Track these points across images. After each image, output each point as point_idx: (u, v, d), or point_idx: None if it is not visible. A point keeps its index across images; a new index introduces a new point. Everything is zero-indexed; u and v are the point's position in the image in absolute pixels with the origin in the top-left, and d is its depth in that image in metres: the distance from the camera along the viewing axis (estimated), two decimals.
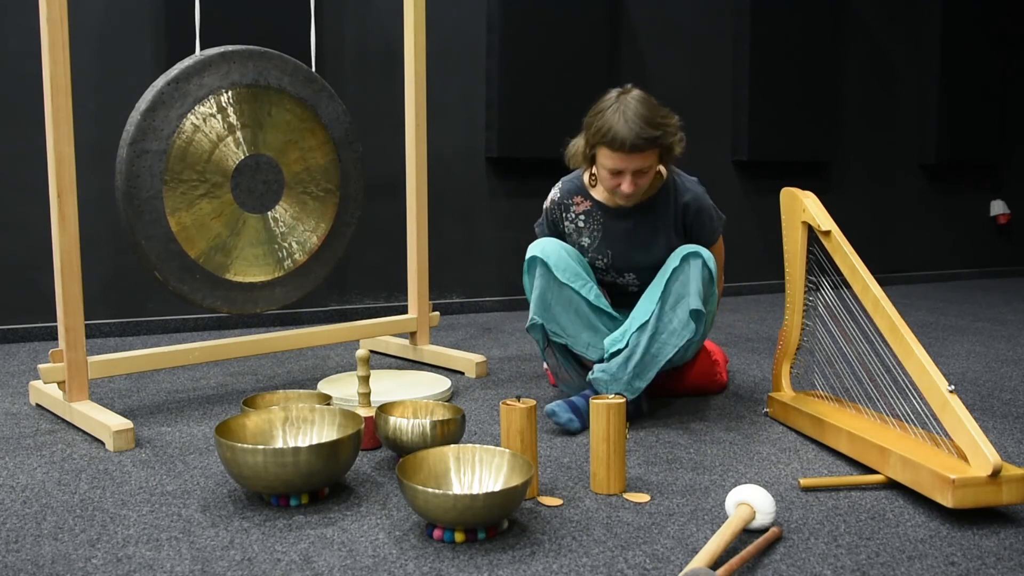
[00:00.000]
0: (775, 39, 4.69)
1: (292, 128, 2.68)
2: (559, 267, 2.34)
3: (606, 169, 2.26)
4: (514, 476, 1.73)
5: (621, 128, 2.17)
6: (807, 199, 2.29)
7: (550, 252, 2.35)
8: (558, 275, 2.33)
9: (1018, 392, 2.74)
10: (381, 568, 1.51)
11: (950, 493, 1.67)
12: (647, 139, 2.19)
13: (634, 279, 2.49)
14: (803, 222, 2.30)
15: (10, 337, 3.36)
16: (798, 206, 2.31)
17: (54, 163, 2.23)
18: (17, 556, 1.55)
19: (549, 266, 2.34)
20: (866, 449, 1.97)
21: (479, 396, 2.65)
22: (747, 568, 1.53)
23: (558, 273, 2.34)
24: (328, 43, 3.75)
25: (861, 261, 2.13)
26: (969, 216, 5.57)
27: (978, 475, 1.67)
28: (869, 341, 2.33)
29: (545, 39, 4.09)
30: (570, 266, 2.37)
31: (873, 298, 2.03)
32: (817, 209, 2.26)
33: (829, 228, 2.20)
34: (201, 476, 1.95)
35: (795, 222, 2.33)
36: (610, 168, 2.25)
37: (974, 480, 1.66)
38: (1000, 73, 5.35)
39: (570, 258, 2.38)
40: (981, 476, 1.67)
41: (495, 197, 4.22)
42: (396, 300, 3.99)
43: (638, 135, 2.17)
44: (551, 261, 2.34)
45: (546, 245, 2.37)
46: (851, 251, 2.14)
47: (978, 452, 1.69)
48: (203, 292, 2.56)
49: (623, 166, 2.23)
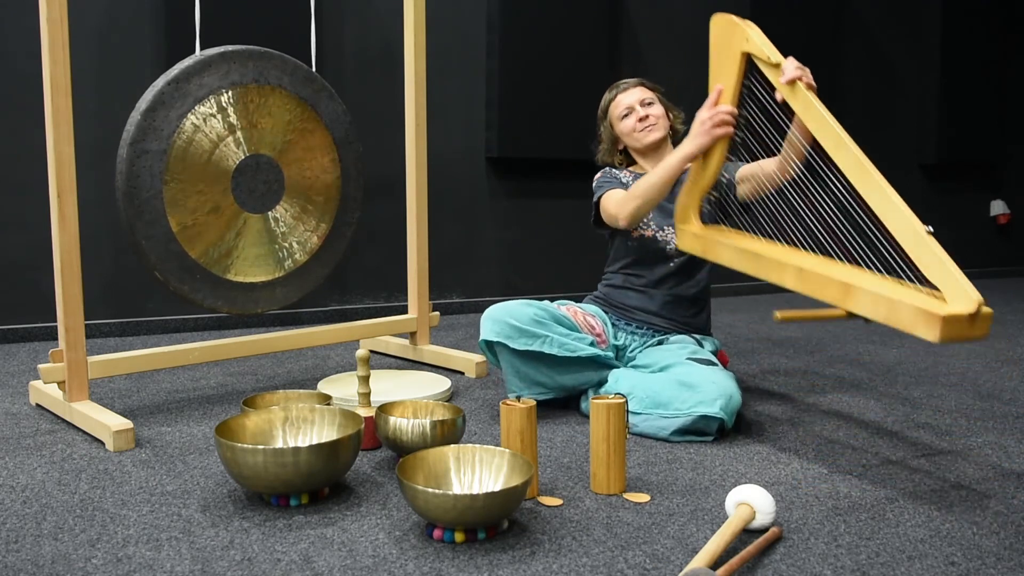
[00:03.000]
0: (775, 39, 4.65)
1: (293, 128, 2.68)
2: (512, 337, 2.34)
3: (620, 118, 2.58)
4: (514, 476, 1.73)
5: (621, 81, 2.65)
6: (751, 29, 2.16)
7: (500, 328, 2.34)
8: (515, 346, 2.33)
9: (1018, 392, 2.74)
10: (381, 568, 1.51)
11: (939, 328, 1.63)
12: (638, 80, 2.64)
13: (672, 234, 2.50)
14: (743, 52, 2.15)
15: (10, 337, 3.36)
16: (739, 35, 2.14)
17: (54, 163, 2.23)
18: (17, 556, 1.55)
19: (504, 343, 2.34)
20: (823, 285, 1.83)
21: (479, 396, 2.65)
22: (747, 568, 1.53)
23: (514, 344, 2.33)
24: (328, 43, 3.75)
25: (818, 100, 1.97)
26: (969, 216, 5.57)
27: (961, 312, 1.65)
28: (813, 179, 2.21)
29: (545, 39, 4.09)
30: (524, 330, 2.34)
31: (834, 135, 1.88)
32: (763, 40, 2.13)
33: (779, 61, 2.07)
34: (201, 476, 1.95)
35: (731, 52, 2.16)
36: (621, 113, 2.58)
37: (958, 317, 1.64)
38: (1000, 73, 5.35)
39: (520, 322, 2.35)
40: (964, 314, 1.65)
41: (495, 197, 4.22)
42: (396, 300, 3.99)
43: (636, 79, 2.64)
44: (504, 335, 2.34)
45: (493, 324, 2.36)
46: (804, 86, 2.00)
47: (961, 290, 1.67)
48: (204, 292, 2.56)
49: (629, 101, 2.57)
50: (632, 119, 2.56)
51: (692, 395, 2.18)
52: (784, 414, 2.47)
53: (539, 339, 2.34)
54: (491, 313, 2.39)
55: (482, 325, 2.40)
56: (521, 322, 2.35)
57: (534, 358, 2.35)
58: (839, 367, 3.07)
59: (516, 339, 2.33)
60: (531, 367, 2.36)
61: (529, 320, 2.37)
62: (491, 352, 2.41)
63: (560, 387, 2.39)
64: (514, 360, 2.36)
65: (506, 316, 2.36)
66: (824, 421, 2.41)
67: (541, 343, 2.34)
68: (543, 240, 4.31)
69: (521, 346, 2.33)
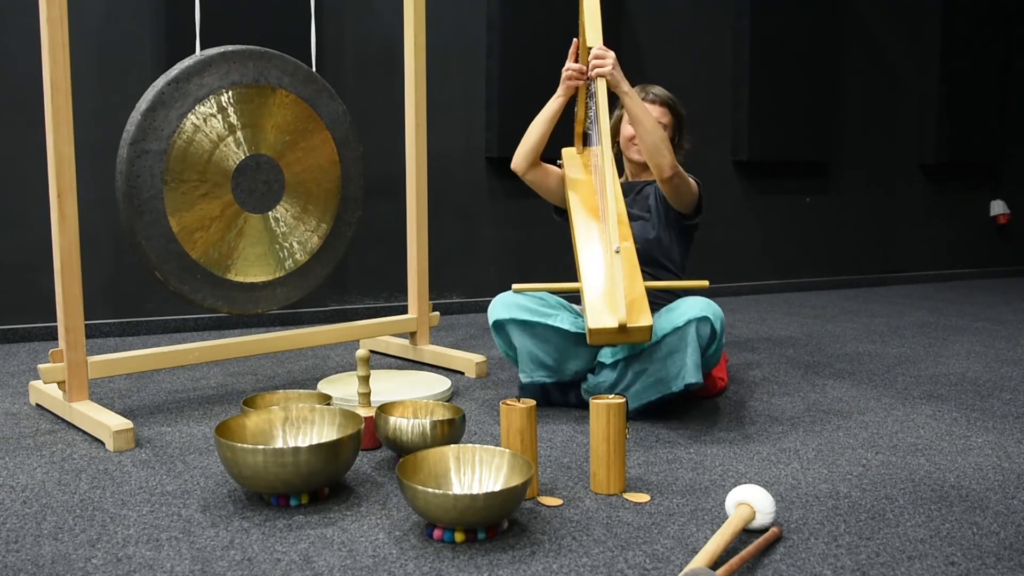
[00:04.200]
0: (775, 39, 4.69)
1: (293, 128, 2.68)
2: (523, 313, 2.39)
3: (627, 122, 2.62)
4: (514, 476, 1.73)
5: (645, 85, 2.69)
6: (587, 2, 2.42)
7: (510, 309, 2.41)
8: (527, 318, 2.38)
9: (1018, 392, 2.74)
10: (381, 568, 1.51)
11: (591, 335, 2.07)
12: (667, 97, 2.67)
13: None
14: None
15: (10, 337, 3.36)
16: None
17: (54, 163, 2.23)
18: (17, 556, 1.55)
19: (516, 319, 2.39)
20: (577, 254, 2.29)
21: (479, 396, 2.65)
22: (747, 568, 1.53)
23: (526, 317, 2.38)
24: (328, 43, 3.75)
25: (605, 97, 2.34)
26: (969, 216, 5.57)
27: (608, 327, 2.06)
28: None
29: (545, 39, 4.09)
30: (534, 310, 2.40)
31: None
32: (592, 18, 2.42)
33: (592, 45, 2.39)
34: (201, 476, 1.95)
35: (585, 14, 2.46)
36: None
37: (606, 329, 2.06)
38: (1000, 73, 5.35)
39: (530, 303, 2.42)
40: (609, 327, 2.06)
41: (495, 197, 4.22)
42: (396, 300, 3.99)
43: (660, 92, 2.67)
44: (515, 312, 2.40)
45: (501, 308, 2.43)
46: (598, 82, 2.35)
47: (615, 308, 2.08)
48: (204, 292, 2.56)
49: None
50: (632, 131, 2.60)
51: (674, 315, 2.29)
52: (784, 414, 2.47)
53: (550, 316, 2.41)
54: (500, 298, 2.47)
55: (491, 311, 2.46)
56: (531, 304, 2.43)
57: (542, 338, 2.38)
58: (839, 367, 3.07)
59: (527, 315, 2.39)
60: (540, 347, 2.39)
61: (538, 303, 2.44)
62: (501, 337, 2.45)
63: (565, 371, 2.42)
64: (524, 339, 2.40)
65: (516, 299, 2.43)
66: (824, 421, 2.41)
67: (552, 319, 2.40)
68: (543, 240, 4.31)
69: (534, 317, 2.38)
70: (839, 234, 5.13)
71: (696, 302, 2.32)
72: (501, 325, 2.43)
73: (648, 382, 2.31)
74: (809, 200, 5.02)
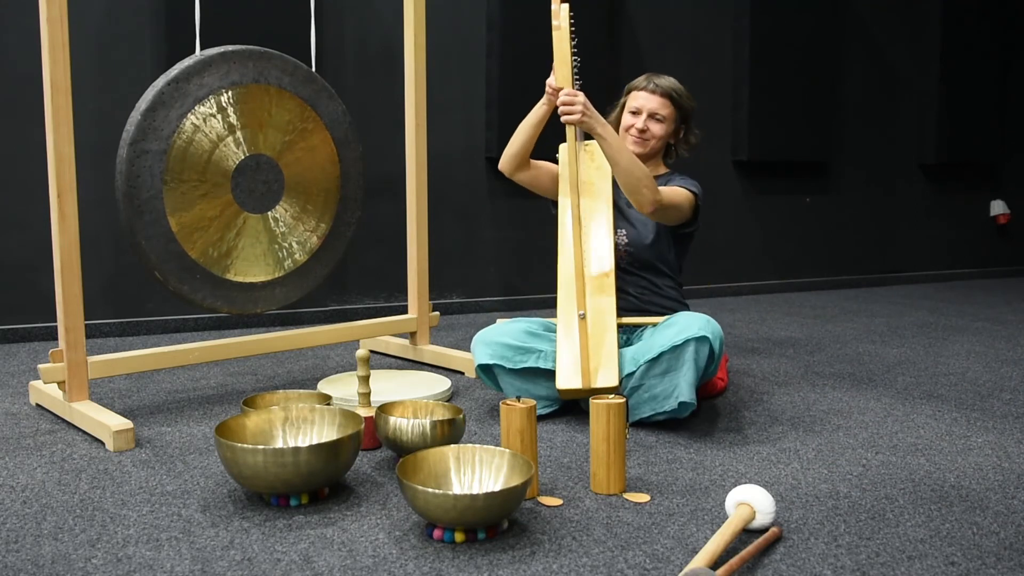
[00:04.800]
0: (775, 39, 4.69)
1: (293, 128, 2.68)
2: (507, 357, 2.36)
3: (629, 111, 2.58)
4: (514, 476, 1.73)
5: (653, 75, 2.62)
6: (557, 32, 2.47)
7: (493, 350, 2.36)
8: (511, 366, 2.35)
9: (1018, 392, 2.74)
10: (381, 568, 1.51)
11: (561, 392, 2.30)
12: (670, 88, 2.58)
13: (623, 235, 2.57)
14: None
15: (10, 337, 3.36)
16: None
17: (54, 163, 2.23)
18: (17, 556, 1.55)
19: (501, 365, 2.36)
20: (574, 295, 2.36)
21: (479, 396, 2.65)
22: (747, 568, 1.53)
23: (510, 364, 2.35)
24: (328, 43, 3.75)
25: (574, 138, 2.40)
26: (969, 216, 5.57)
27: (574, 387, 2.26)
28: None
29: (545, 39, 4.08)
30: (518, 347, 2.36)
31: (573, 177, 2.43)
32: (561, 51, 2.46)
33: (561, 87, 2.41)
34: (201, 476, 1.95)
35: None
36: (633, 108, 2.58)
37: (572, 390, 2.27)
38: (1000, 73, 5.35)
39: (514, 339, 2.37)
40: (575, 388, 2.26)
41: (495, 197, 4.22)
42: (396, 300, 3.99)
43: (665, 83, 2.59)
44: (498, 356, 2.36)
45: (484, 351, 2.38)
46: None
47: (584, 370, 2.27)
48: (204, 292, 2.56)
49: (643, 104, 2.56)
50: (633, 120, 2.58)
51: (672, 331, 2.26)
52: (784, 414, 2.47)
53: (534, 354, 2.36)
54: (481, 337, 2.41)
55: (474, 351, 2.42)
56: (514, 339, 2.38)
57: (532, 374, 2.36)
58: (839, 367, 3.07)
59: (511, 358, 2.35)
60: (531, 384, 2.37)
61: (522, 334, 2.40)
62: (488, 377, 2.42)
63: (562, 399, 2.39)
64: (513, 380, 2.37)
65: (498, 337, 2.38)
66: (824, 421, 2.41)
67: (536, 359, 2.35)
68: (543, 240, 4.30)
69: (517, 364, 2.35)
70: (839, 234, 5.13)
71: (695, 319, 2.27)
72: (487, 368, 2.40)
73: (642, 397, 2.28)
74: (809, 200, 5.02)
